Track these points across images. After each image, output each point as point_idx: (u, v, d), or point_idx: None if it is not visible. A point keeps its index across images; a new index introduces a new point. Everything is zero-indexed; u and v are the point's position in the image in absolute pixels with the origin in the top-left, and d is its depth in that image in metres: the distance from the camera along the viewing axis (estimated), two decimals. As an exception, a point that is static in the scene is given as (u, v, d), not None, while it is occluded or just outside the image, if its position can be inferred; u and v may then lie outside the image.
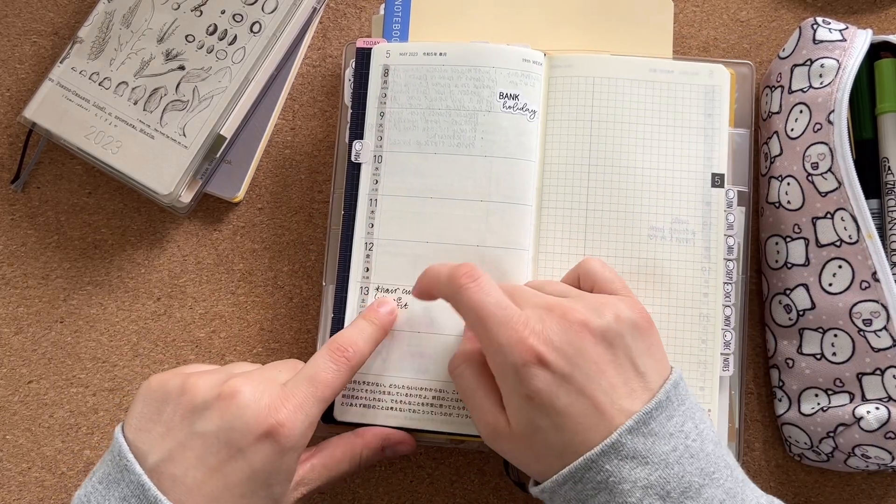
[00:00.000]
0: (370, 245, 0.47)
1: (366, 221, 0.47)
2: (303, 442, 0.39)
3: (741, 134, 0.48)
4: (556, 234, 0.46)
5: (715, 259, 0.46)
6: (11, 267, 0.53)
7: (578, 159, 0.47)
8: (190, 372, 0.40)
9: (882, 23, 0.55)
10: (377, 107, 0.48)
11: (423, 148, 0.47)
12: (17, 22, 0.56)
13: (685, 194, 0.46)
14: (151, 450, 0.37)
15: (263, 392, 0.38)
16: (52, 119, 0.51)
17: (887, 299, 0.43)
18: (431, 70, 0.47)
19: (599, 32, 0.50)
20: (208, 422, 0.37)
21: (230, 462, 0.37)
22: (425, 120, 0.47)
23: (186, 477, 0.36)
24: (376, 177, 0.47)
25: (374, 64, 0.48)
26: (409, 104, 0.47)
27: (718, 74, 0.48)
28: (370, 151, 0.47)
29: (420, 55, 0.48)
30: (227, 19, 0.52)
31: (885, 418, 0.42)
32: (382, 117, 0.48)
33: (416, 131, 0.47)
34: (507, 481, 0.50)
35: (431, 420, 0.45)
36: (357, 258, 0.47)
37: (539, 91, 0.47)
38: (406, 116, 0.47)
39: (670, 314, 0.45)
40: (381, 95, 0.48)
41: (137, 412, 0.38)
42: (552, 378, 0.35)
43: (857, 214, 0.44)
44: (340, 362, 0.40)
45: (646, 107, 0.47)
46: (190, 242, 0.53)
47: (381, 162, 0.47)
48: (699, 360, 0.45)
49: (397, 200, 0.47)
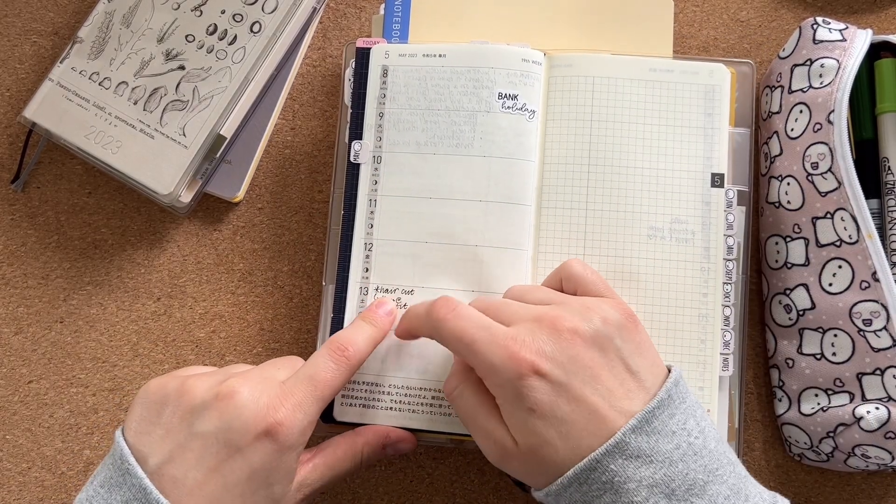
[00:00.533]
0: (370, 245, 0.47)
1: (365, 222, 0.47)
2: (302, 441, 0.39)
3: (741, 133, 0.48)
4: (555, 234, 0.46)
5: (714, 259, 0.46)
6: (11, 267, 0.53)
7: (578, 159, 0.47)
8: (188, 374, 0.40)
9: (882, 23, 0.55)
10: (376, 107, 0.48)
11: (423, 148, 0.47)
12: (17, 22, 0.56)
13: (685, 194, 0.46)
14: (152, 452, 0.37)
15: (262, 391, 0.38)
16: (52, 119, 0.51)
17: (887, 299, 0.43)
18: (431, 71, 0.47)
19: (600, 32, 0.50)
20: (207, 422, 0.37)
21: (229, 462, 0.37)
22: (424, 120, 0.47)
23: (187, 478, 0.36)
24: (375, 177, 0.47)
25: (373, 65, 0.48)
26: (408, 105, 0.47)
27: (719, 74, 0.47)
28: (369, 152, 0.47)
29: (419, 56, 0.48)
30: (227, 19, 0.52)
31: (885, 418, 0.42)
32: (381, 118, 0.48)
33: (415, 132, 0.47)
34: (508, 481, 0.50)
35: (431, 420, 0.45)
36: (356, 258, 0.47)
37: (538, 91, 0.47)
38: (405, 117, 0.47)
39: (669, 314, 0.45)
40: (380, 96, 0.48)
41: (137, 415, 0.38)
42: (551, 388, 0.35)
43: (857, 214, 0.44)
44: (340, 361, 0.40)
45: (646, 106, 0.47)
46: (190, 242, 0.53)
47: (380, 162, 0.47)
48: (698, 360, 0.45)
49: (396, 201, 0.47)
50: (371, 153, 0.47)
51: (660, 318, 0.45)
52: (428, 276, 0.46)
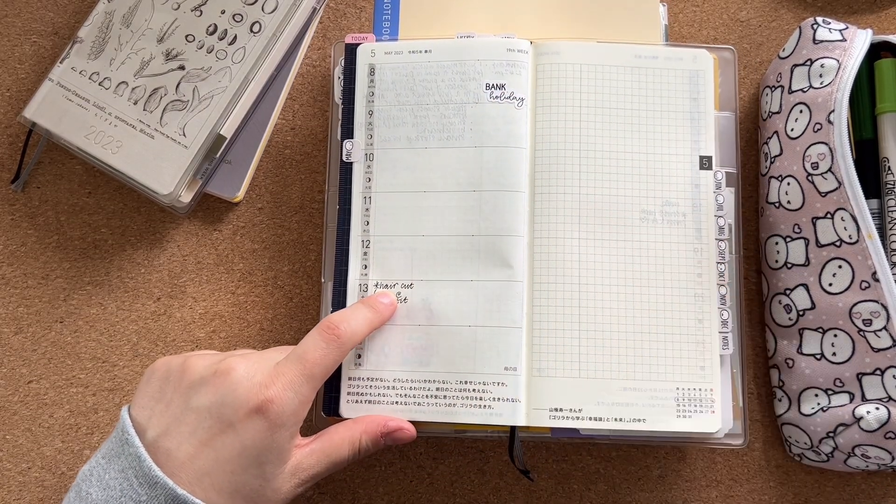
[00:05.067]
0: (367, 242, 0.47)
1: (361, 219, 0.47)
2: (294, 420, 0.39)
3: (726, 116, 0.49)
4: (550, 219, 0.47)
5: (707, 239, 0.47)
6: (11, 267, 0.53)
7: (569, 145, 0.47)
8: (192, 354, 0.41)
9: (882, 23, 0.55)
10: (365, 105, 0.48)
11: (414, 143, 0.47)
12: (17, 22, 0.56)
13: (674, 177, 0.47)
14: (151, 425, 0.38)
15: (257, 370, 0.39)
16: (52, 119, 0.51)
17: (887, 299, 0.43)
18: (417, 67, 0.48)
19: (588, 23, 0.51)
20: (202, 397, 0.38)
21: (221, 436, 0.38)
22: (414, 115, 0.48)
23: (179, 451, 0.37)
24: (369, 174, 0.48)
25: (360, 64, 0.49)
26: (396, 101, 0.48)
27: (702, 59, 0.49)
28: (361, 150, 0.48)
29: (405, 53, 0.48)
30: (227, 19, 0.52)
31: (885, 418, 0.42)
32: (371, 115, 0.48)
33: (405, 127, 0.48)
34: (508, 481, 0.50)
35: (436, 411, 0.45)
36: (355, 255, 0.47)
37: (526, 79, 0.48)
38: (395, 113, 0.48)
39: (665, 295, 0.46)
40: (368, 94, 0.48)
41: (142, 391, 0.40)
42: None
43: (857, 214, 0.44)
44: (330, 340, 0.41)
45: (633, 92, 0.48)
46: (190, 242, 0.53)
47: (372, 160, 0.48)
48: (697, 340, 0.45)
49: (391, 196, 0.47)
50: (363, 151, 0.48)
51: (656, 299, 0.46)
52: (427, 269, 0.46)
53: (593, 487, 0.50)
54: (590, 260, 0.46)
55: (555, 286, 0.46)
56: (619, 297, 0.46)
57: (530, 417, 0.45)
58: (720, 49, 0.50)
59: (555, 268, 0.46)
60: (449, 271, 0.46)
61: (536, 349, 0.45)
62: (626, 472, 0.50)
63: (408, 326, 0.46)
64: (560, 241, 0.46)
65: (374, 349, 0.45)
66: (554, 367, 0.45)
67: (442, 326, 0.45)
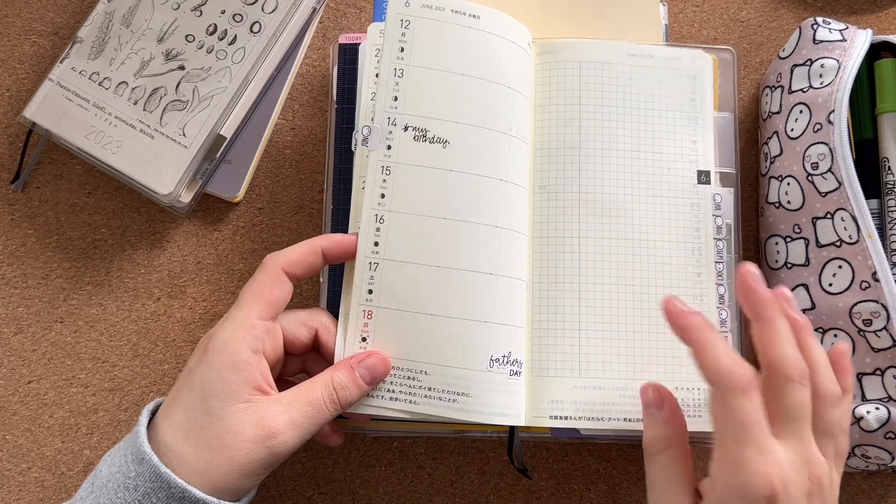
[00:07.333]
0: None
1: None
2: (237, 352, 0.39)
3: (725, 117, 0.49)
4: (550, 218, 0.47)
5: (705, 239, 0.47)
6: (11, 267, 0.53)
7: (569, 143, 0.47)
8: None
9: (882, 23, 0.55)
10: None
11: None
12: (17, 22, 0.56)
13: (673, 176, 0.47)
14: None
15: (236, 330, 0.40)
16: (52, 119, 0.51)
17: (887, 299, 0.43)
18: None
19: (588, 22, 0.51)
20: (191, 363, 0.40)
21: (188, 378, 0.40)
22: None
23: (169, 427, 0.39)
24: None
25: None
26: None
27: (700, 60, 0.49)
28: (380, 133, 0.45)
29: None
30: (227, 19, 0.52)
31: (885, 418, 0.42)
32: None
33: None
34: (508, 481, 0.50)
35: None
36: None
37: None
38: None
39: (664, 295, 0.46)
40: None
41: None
42: None
43: (857, 214, 0.44)
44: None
45: (632, 91, 0.48)
46: (190, 242, 0.53)
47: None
48: None
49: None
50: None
51: (656, 298, 0.46)
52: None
53: (593, 487, 0.50)
54: (590, 259, 0.46)
55: (555, 286, 0.46)
56: (619, 296, 0.46)
57: (530, 417, 0.45)
58: (720, 50, 0.50)
59: (555, 267, 0.46)
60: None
61: (536, 349, 0.45)
62: (626, 472, 0.50)
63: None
64: (560, 240, 0.46)
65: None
66: (554, 367, 0.45)
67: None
